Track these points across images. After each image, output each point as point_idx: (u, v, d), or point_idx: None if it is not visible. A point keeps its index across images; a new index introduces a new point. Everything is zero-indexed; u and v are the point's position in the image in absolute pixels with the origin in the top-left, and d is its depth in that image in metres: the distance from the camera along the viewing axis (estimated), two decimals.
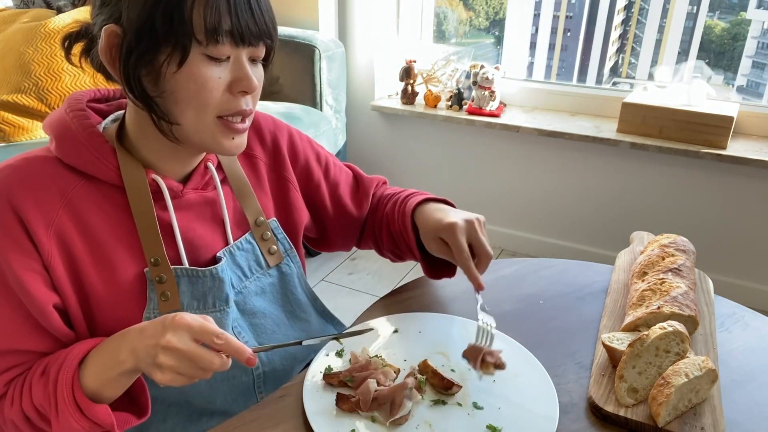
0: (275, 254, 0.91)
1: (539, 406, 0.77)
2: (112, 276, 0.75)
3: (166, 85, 0.69)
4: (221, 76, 0.70)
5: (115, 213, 0.76)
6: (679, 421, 0.74)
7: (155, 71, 0.69)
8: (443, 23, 2.94)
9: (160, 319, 0.68)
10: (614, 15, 2.86)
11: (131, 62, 0.68)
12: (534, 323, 0.95)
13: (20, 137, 1.82)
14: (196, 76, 0.69)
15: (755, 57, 2.49)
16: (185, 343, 0.65)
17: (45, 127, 0.77)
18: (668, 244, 1.01)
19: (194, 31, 0.67)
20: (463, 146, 2.63)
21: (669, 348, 0.79)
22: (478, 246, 0.90)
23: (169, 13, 0.66)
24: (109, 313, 0.76)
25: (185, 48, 0.67)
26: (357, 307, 0.98)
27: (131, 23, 0.67)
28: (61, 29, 1.83)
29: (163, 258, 0.77)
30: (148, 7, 0.66)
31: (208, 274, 0.81)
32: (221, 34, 0.68)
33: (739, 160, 2.06)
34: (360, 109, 2.77)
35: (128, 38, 0.68)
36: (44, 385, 0.70)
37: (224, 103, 0.72)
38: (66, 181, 0.74)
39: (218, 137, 0.74)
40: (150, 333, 0.67)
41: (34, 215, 0.70)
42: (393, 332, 0.91)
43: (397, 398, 0.74)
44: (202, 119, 0.72)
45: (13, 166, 0.73)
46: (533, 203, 2.59)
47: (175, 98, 0.70)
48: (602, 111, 2.45)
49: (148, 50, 0.67)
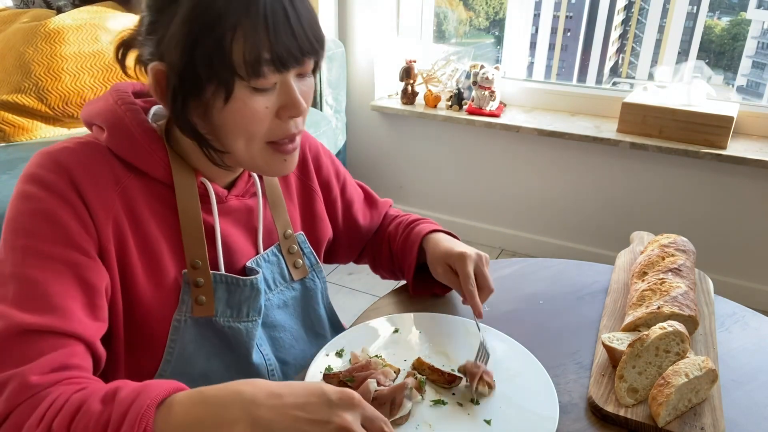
0: (300, 268, 0.91)
1: (539, 406, 0.77)
2: (155, 272, 0.74)
3: (215, 120, 0.69)
4: (268, 105, 0.69)
5: (162, 210, 0.75)
6: (679, 421, 0.74)
7: (203, 106, 0.68)
8: (443, 23, 2.94)
9: (310, 387, 0.58)
10: (614, 15, 2.86)
11: (179, 101, 0.68)
12: (534, 323, 0.95)
13: (20, 137, 1.82)
14: (243, 111, 0.68)
15: (755, 57, 2.49)
16: (358, 426, 0.57)
17: (89, 118, 0.76)
18: (668, 244, 1.01)
19: (235, 68, 0.65)
20: (463, 146, 2.63)
21: (669, 348, 0.79)
22: (482, 278, 0.92)
23: (209, 55, 0.64)
24: (144, 310, 0.74)
25: (229, 85, 0.66)
26: (357, 307, 0.98)
27: (173, 65, 0.66)
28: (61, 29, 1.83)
29: (204, 261, 0.77)
30: (188, 51, 0.65)
31: (249, 284, 0.81)
32: (263, 65, 0.66)
33: (738, 160, 2.07)
34: (360, 109, 2.77)
35: (172, 80, 0.67)
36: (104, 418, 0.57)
37: (274, 129, 0.71)
38: (119, 171, 0.73)
39: (270, 161, 0.74)
40: (299, 401, 0.56)
41: (95, 198, 0.69)
42: (393, 332, 0.91)
43: (397, 398, 0.74)
44: (252, 147, 0.72)
45: (69, 149, 0.71)
46: (533, 203, 2.59)
47: (224, 131, 0.70)
48: (602, 111, 2.45)
49: (192, 89, 0.67)
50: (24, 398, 0.59)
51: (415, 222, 1.05)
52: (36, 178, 0.68)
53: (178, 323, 0.77)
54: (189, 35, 0.64)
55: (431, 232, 1.00)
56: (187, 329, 0.78)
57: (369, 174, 2.88)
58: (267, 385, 0.58)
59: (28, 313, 0.63)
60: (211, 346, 0.81)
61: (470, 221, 2.74)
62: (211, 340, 0.81)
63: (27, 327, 0.62)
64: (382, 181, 2.87)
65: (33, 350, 0.62)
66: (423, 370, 0.81)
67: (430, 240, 0.98)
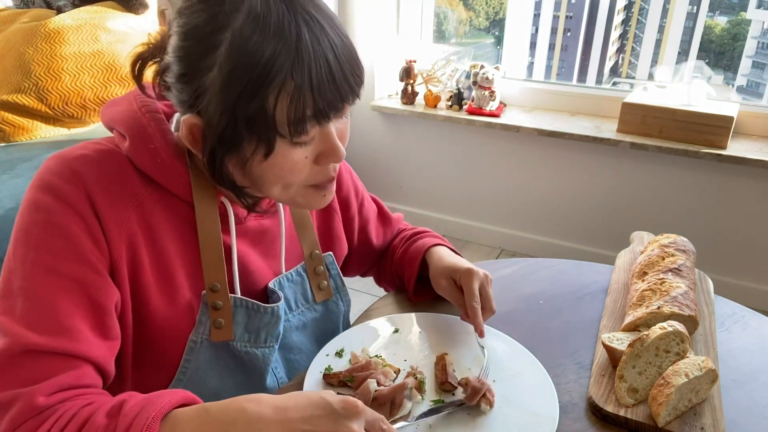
0: (324, 290, 0.89)
1: (539, 406, 0.77)
2: (168, 290, 0.72)
3: (254, 172, 0.67)
4: (308, 155, 0.67)
5: (180, 227, 0.73)
6: (679, 421, 0.74)
7: (242, 161, 0.66)
8: (443, 23, 2.94)
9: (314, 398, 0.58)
10: (614, 15, 2.86)
11: (217, 157, 0.65)
12: (534, 323, 0.95)
13: (20, 137, 1.82)
14: (283, 164, 0.66)
15: (755, 57, 2.49)
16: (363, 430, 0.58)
17: (111, 122, 0.73)
18: (668, 244, 1.01)
19: (278, 127, 0.63)
20: (463, 146, 2.63)
21: (669, 348, 0.79)
22: (486, 298, 0.89)
23: (252, 117, 0.61)
24: (156, 328, 0.72)
25: (270, 143, 0.64)
26: (357, 307, 0.98)
27: (211, 124, 0.63)
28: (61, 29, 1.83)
29: (223, 285, 0.75)
30: (229, 111, 0.61)
31: (270, 311, 0.79)
32: (306, 123, 0.64)
33: (739, 160, 2.06)
34: (360, 109, 2.77)
35: (210, 138, 0.64)
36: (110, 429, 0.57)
37: (312, 175, 0.70)
38: (137, 184, 0.70)
39: (308, 198, 0.73)
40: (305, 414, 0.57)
41: (109, 213, 0.66)
42: (393, 332, 0.91)
43: (397, 398, 0.74)
44: (289, 191, 0.70)
45: (87, 157, 0.68)
46: (533, 203, 2.59)
47: (262, 182, 0.68)
48: (602, 111, 2.45)
49: (232, 147, 0.64)
50: (29, 417, 0.58)
51: (419, 234, 1.04)
52: (50, 186, 0.66)
53: (194, 344, 0.75)
54: (230, 96, 0.61)
55: (435, 245, 0.99)
56: (203, 351, 0.76)
57: (369, 174, 2.88)
58: (271, 401, 0.58)
59: (36, 333, 0.61)
60: (225, 368, 0.79)
61: (470, 221, 2.74)
62: (225, 362, 0.79)
63: (34, 347, 0.61)
64: (382, 181, 2.87)
65: (40, 371, 0.61)
66: (437, 364, 0.81)
67: (434, 253, 0.97)
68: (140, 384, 0.76)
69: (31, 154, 1.70)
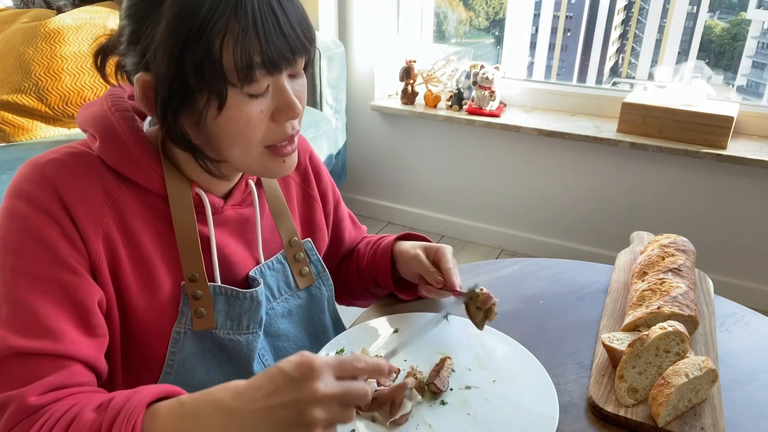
0: (306, 276, 0.90)
1: (539, 406, 0.77)
2: (149, 285, 0.73)
3: (209, 130, 0.67)
4: (263, 109, 0.68)
5: (155, 222, 0.74)
6: (679, 421, 0.74)
7: (195, 116, 0.66)
8: (443, 23, 2.94)
9: (272, 372, 0.57)
10: (614, 15, 2.86)
11: (169, 112, 0.66)
12: (534, 323, 0.95)
13: (20, 137, 1.82)
14: (238, 117, 0.66)
15: (755, 57, 2.49)
16: (334, 386, 0.56)
17: (83, 123, 0.74)
18: (668, 244, 1.01)
19: (227, 75, 0.63)
20: (463, 146, 2.63)
21: (669, 348, 0.79)
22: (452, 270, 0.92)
23: (198, 63, 0.62)
24: (140, 324, 0.73)
25: (221, 93, 0.64)
26: (357, 308, 0.98)
27: (161, 76, 0.64)
28: (61, 29, 1.83)
29: (202, 274, 0.75)
30: (175, 60, 0.62)
31: (248, 296, 0.80)
32: (255, 69, 0.64)
33: (739, 160, 2.07)
34: (360, 109, 2.77)
35: (161, 91, 0.65)
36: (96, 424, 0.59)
37: (270, 133, 0.70)
38: (110, 183, 0.71)
39: (268, 164, 0.73)
40: (269, 391, 0.55)
41: (83, 213, 0.67)
42: (393, 332, 0.91)
43: (397, 398, 0.74)
44: (250, 153, 0.70)
45: (58, 160, 0.69)
46: (533, 203, 2.59)
47: (219, 140, 0.68)
48: (602, 111, 2.45)
49: (184, 100, 0.65)
50: (22, 418, 0.60)
51: (383, 236, 1.05)
52: (22, 193, 0.67)
53: (177, 335, 0.76)
54: (176, 44, 0.62)
55: (401, 236, 1.01)
56: (187, 341, 0.77)
57: (369, 174, 2.88)
58: (238, 388, 0.58)
59: (23, 337, 0.62)
60: (211, 358, 0.80)
61: (470, 221, 2.74)
62: (211, 352, 0.80)
63: (22, 350, 0.62)
64: (382, 181, 2.87)
65: (30, 372, 0.62)
66: (437, 364, 0.82)
67: (402, 243, 0.99)
68: (130, 381, 0.76)
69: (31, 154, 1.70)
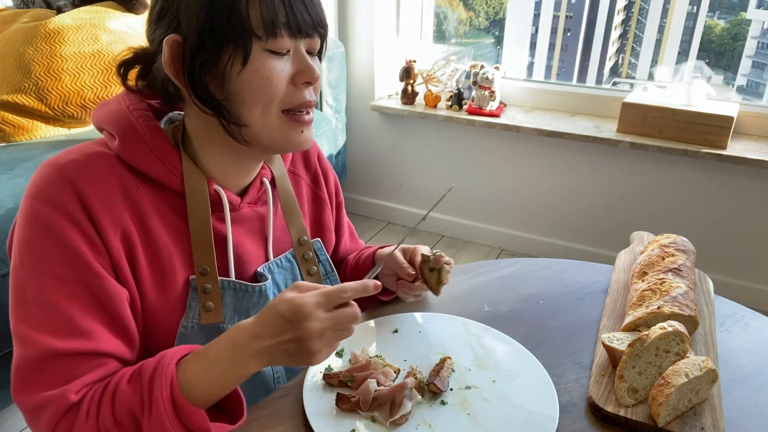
0: (314, 275, 0.91)
1: (539, 406, 0.77)
2: (164, 282, 0.74)
3: (232, 86, 0.70)
4: (284, 68, 0.71)
5: (173, 219, 0.75)
6: (679, 421, 0.74)
7: (220, 74, 0.69)
8: (443, 23, 2.94)
9: (273, 315, 0.66)
10: (614, 15, 2.86)
11: (196, 68, 0.69)
12: (534, 323, 0.95)
13: (20, 137, 1.82)
14: (261, 71, 0.69)
15: (755, 57, 2.49)
16: (325, 319, 0.65)
17: (100, 122, 0.76)
18: (668, 244, 1.01)
19: (253, 27, 0.67)
20: (463, 146, 2.63)
21: (669, 348, 0.79)
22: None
23: (227, 13, 0.66)
24: (152, 318, 0.74)
25: (246, 45, 0.68)
26: None
27: (191, 29, 0.68)
28: (61, 29, 1.83)
29: (213, 268, 0.77)
30: (205, 11, 0.67)
31: (257, 290, 0.81)
32: (279, 27, 0.68)
33: (739, 160, 2.06)
34: (360, 109, 2.77)
35: (190, 44, 0.68)
36: (136, 388, 0.65)
37: (289, 95, 0.72)
38: (128, 181, 0.72)
39: (287, 132, 0.74)
40: (274, 332, 0.65)
41: (103, 213, 0.69)
42: (393, 332, 0.91)
43: (397, 398, 0.74)
44: (269, 116, 0.72)
45: (76, 161, 0.70)
46: (533, 203, 2.59)
47: (241, 98, 0.70)
48: (602, 111, 2.45)
49: (211, 53, 0.68)
50: (64, 415, 0.64)
51: (369, 246, 1.07)
52: (43, 196, 0.68)
53: (185, 329, 0.76)
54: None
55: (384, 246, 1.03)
56: (194, 336, 0.77)
57: (369, 174, 2.88)
58: (248, 329, 0.67)
59: (58, 338, 0.65)
60: None
61: (470, 221, 2.74)
62: None
63: (59, 351, 0.65)
64: (382, 181, 2.87)
65: (68, 372, 0.66)
66: (437, 364, 0.81)
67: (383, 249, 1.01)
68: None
69: (31, 154, 1.70)
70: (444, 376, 0.79)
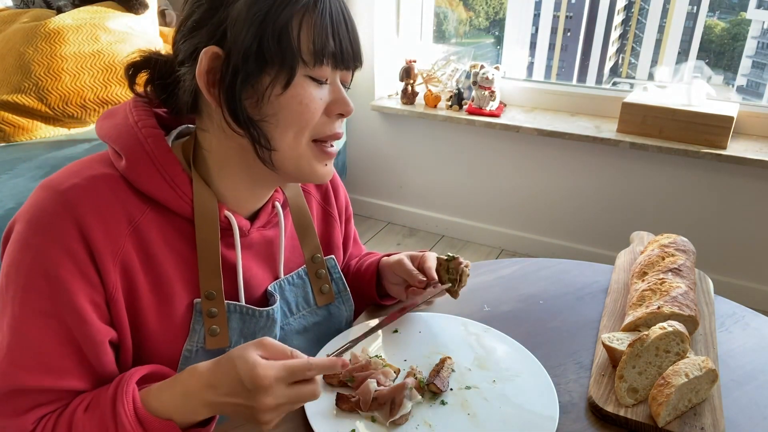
0: (326, 294, 0.89)
1: (539, 406, 0.77)
2: (166, 308, 0.72)
3: (269, 108, 0.68)
4: (322, 97, 0.70)
5: (178, 244, 0.72)
6: (679, 421, 0.74)
7: (258, 94, 0.67)
8: (443, 23, 2.94)
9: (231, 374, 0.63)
10: (614, 15, 2.85)
11: (236, 85, 0.66)
12: (534, 323, 0.95)
13: (20, 137, 1.82)
14: (300, 97, 0.68)
15: (755, 57, 2.49)
16: (282, 396, 0.63)
17: (105, 137, 0.72)
18: (668, 244, 1.01)
19: (301, 52, 0.67)
20: (463, 146, 2.63)
21: (669, 348, 0.79)
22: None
23: (277, 34, 0.65)
24: (153, 345, 0.72)
25: (292, 69, 0.67)
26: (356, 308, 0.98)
27: (237, 45, 0.65)
28: (61, 29, 1.83)
29: (219, 292, 0.74)
30: (256, 28, 0.65)
31: (264, 314, 0.79)
32: (327, 56, 0.68)
33: (739, 160, 2.06)
34: (360, 109, 2.77)
35: (233, 60, 0.66)
36: (95, 414, 0.64)
37: (321, 125, 0.72)
38: (133, 207, 0.69)
39: (313, 163, 0.73)
40: (228, 391, 0.63)
41: (103, 245, 0.66)
42: (393, 332, 0.91)
43: (397, 398, 0.74)
44: (299, 143, 0.71)
45: (78, 187, 0.66)
46: (533, 203, 2.59)
47: (276, 121, 0.69)
48: (602, 111, 2.45)
49: (253, 71, 0.66)
50: None
51: (371, 252, 1.06)
52: (39, 224, 0.65)
53: (189, 353, 0.74)
54: (258, 13, 0.65)
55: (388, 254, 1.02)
56: (198, 359, 0.75)
57: (369, 174, 2.88)
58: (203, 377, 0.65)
59: (28, 374, 0.64)
60: None
61: (470, 221, 2.74)
62: None
63: (26, 387, 0.64)
64: (382, 181, 2.87)
65: (30, 403, 0.65)
66: (437, 364, 0.81)
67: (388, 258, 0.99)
68: None
69: (31, 154, 1.70)
70: (444, 376, 0.79)
